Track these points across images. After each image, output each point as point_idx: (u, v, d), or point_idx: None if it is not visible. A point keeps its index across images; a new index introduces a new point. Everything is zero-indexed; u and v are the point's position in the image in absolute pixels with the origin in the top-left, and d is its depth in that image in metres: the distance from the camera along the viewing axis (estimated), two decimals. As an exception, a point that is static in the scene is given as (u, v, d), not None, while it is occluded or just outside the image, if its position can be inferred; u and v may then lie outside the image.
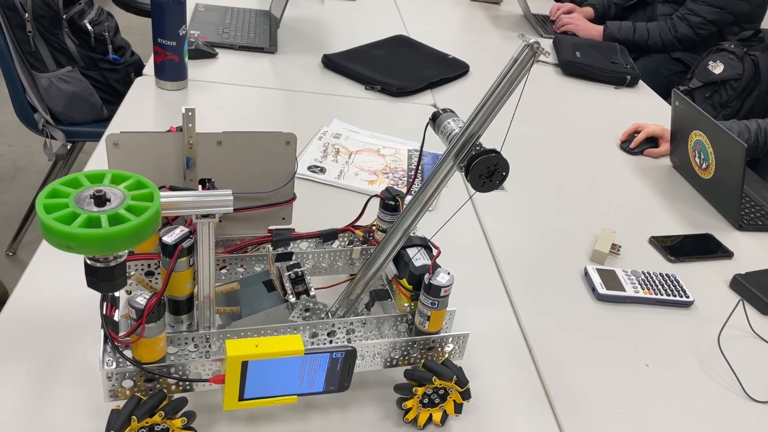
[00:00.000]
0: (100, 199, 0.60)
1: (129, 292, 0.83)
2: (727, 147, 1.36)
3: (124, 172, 0.64)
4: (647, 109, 1.94)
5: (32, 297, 0.89)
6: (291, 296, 0.78)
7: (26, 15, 1.83)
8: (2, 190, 2.57)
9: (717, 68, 2.09)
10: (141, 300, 0.65)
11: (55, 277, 0.93)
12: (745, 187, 1.40)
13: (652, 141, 1.64)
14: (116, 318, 0.74)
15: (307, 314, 0.78)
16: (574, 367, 0.95)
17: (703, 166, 1.44)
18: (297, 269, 0.81)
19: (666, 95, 2.03)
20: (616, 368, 0.96)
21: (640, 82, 2.09)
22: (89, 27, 1.92)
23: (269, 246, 0.89)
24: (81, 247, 0.57)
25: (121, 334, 0.69)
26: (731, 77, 2.08)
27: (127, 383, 0.69)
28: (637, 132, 1.65)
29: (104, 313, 0.70)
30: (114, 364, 0.68)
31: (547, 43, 2.29)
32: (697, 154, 1.46)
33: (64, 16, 1.87)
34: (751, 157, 1.69)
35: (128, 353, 0.69)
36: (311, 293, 0.79)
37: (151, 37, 1.46)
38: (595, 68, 2.06)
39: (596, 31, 2.44)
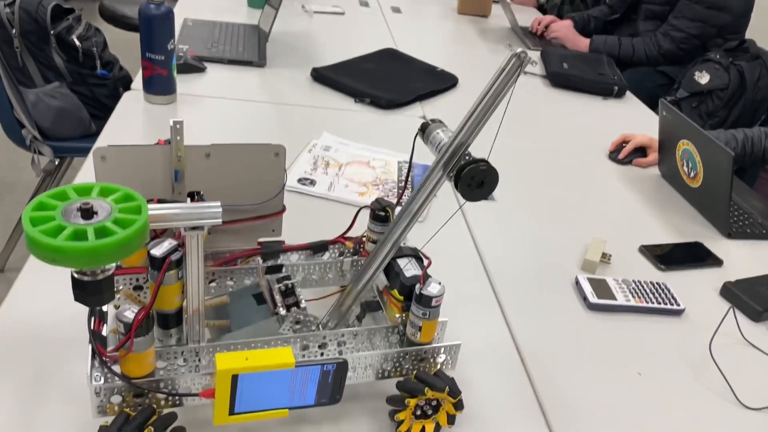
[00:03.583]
0: (87, 212, 0.59)
1: (117, 307, 0.82)
2: (715, 156, 1.37)
3: (113, 185, 0.64)
4: (635, 119, 1.95)
5: (19, 313, 0.88)
6: (281, 309, 0.78)
7: (14, 31, 1.83)
8: (-11, 206, 2.55)
9: (703, 78, 2.11)
10: (129, 314, 0.65)
11: (42, 292, 0.92)
12: (734, 195, 1.41)
13: (641, 151, 1.65)
14: (104, 333, 0.73)
15: (298, 326, 0.78)
16: (566, 376, 0.95)
17: (692, 174, 1.45)
18: (287, 281, 0.80)
19: (651, 108, 2.04)
20: (608, 377, 0.96)
21: (628, 92, 2.11)
22: (77, 42, 1.92)
23: (259, 259, 0.89)
24: (66, 260, 0.56)
25: (109, 349, 0.68)
26: (717, 87, 2.10)
27: (116, 399, 0.68)
28: (626, 142, 1.66)
29: (92, 328, 0.69)
30: (102, 379, 0.67)
31: (534, 55, 2.29)
32: (685, 163, 1.47)
33: (52, 32, 1.87)
34: (739, 165, 1.71)
35: (116, 368, 0.68)
36: (302, 305, 0.79)
37: (139, 51, 1.46)
38: (583, 79, 2.07)
39: (583, 43, 2.46)
